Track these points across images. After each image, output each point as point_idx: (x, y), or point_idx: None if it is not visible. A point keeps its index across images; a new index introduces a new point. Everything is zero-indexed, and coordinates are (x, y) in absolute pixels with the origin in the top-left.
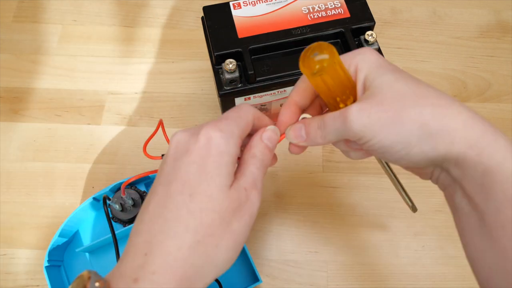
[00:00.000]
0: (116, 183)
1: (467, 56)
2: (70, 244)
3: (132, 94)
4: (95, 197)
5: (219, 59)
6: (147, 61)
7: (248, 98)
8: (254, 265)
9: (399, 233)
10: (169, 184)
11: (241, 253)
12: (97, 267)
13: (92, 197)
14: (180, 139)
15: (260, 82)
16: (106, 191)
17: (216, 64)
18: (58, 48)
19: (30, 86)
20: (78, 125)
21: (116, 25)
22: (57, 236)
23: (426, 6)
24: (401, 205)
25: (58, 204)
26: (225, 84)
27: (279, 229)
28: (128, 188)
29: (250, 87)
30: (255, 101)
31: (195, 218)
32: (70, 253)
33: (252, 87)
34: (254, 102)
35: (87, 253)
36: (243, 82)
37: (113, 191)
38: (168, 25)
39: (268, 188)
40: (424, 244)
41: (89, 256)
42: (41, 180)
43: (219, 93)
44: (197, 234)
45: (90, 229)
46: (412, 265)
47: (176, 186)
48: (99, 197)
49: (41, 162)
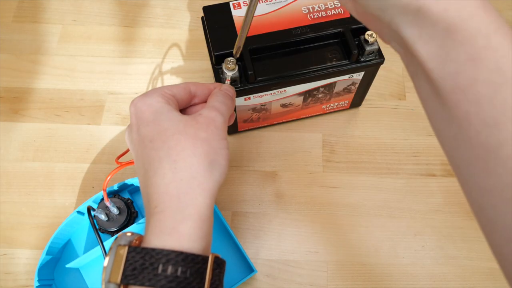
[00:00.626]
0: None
1: None
2: (60, 260)
3: (132, 94)
4: (78, 211)
5: (219, 59)
6: (147, 61)
7: (248, 98)
8: (247, 256)
9: (399, 233)
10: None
11: (233, 247)
12: (90, 280)
13: (76, 210)
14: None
15: (260, 82)
16: (89, 202)
17: (216, 64)
18: (58, 48)
19: (30, 86)
20: (78, 125)
21: (116, 25)
22: (44, 254)
23: None
24: (401, 205)
25: (58, 204)
26: None
27: (279, 229)
28: (112, 197)
29: (250, 87)
30: (255, 101)
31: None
32: (61, 269)
33: (252, 87)
34: (254, 102)
35: (79, 268)
36: (243, 82)
37: (96, 202)
38: (168, 25)
39: (268, 188)
40: (424, 244)
41: (81, 270)
42: (41, 180)
43: None
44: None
45: (79, 242)
46: (412, 265)
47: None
48: (83, 210)
49: (41, 162)
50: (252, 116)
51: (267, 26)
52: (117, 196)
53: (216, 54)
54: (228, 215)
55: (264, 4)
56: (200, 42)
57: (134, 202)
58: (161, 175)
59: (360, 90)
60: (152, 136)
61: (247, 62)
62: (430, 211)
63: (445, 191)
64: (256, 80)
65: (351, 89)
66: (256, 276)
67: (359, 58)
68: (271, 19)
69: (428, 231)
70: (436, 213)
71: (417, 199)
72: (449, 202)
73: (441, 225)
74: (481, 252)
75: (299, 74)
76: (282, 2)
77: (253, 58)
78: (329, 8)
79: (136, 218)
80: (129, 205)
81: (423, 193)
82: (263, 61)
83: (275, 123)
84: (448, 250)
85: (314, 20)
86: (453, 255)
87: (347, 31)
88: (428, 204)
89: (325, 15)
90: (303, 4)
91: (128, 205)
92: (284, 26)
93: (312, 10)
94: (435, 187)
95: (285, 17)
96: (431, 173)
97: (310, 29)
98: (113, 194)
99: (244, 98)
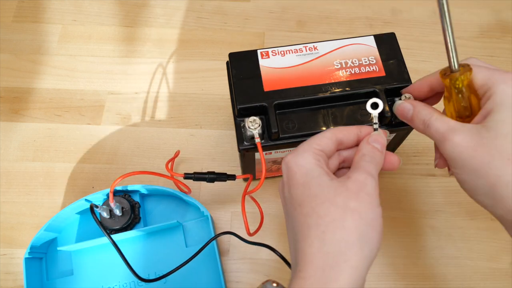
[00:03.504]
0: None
1: (467, 56)
2: (54, 241)
3: (132, 94)
4: (86, 199)
5: (242, 112)
6: (147, 61)
7: (269, 153)
8: None
9: (399, 233)
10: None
11: None
12: (78, 268)
13: (84, 198)
14: (283, 169)
15: (283, 139)
16: (99, 195)
17: (239, 116)
18: (58, 48)
19: (30, 86)
20: (78, 125)
21: (116, 25)
22: (42, 230)
23: (426, 6)
24: (401, 205)
25: (58, 204)
26: (246, 139)
27: (282, 229)
28: (121, 196)
29: (272, 144)
30: (276, 156)
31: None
32: (53, 249)
33: (274, 144)
34: (275, 156)
35: (71, 252)
36: (265, 138)
37: (104, 195)
38: (168, 25)
39: (268, 188)
40: (424, 244)
41: (72, 255)
42: (41, 180)
43: (239, 148)
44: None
45: (75, 230)
46: (412, 265)
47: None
48: (92, 200)
49: (41, 162)
50: (272, 167)
51: (295, 79)
52: (126, 196)
53: (240, 107)
54: (227, 216)
55: (294, 55)
56: (200, 42)
57: (142, 207)
58: (308, 242)
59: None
60: (302, 200)
61: (271, 119)
62: (430, 211)
63: (445, 191)
64: (280, 137)
65: None
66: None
67: (392, 121)
68: (300, 72)
69: (428, 231)
70: (436, 213)
71: (417, 199)
72: (449, 202)
73: (441, 225)
74: (481, 252)
75: None
76: (313, 54)
77: (278, 112)
78: (363, 64)
79: (138, 224)
80: (134, 208)
81: (423, 193)
82: (288, 116)
83: None
84: (448, 250)
85: (346, 77)
86: (453, 255)
87: (381, 91)
88: (428, 204)
89: (358, 72)
90: (336, 57)
91: (134, 207)
92: (313, 81)
93: (345, 66)
94: (435, 187)
95: (316, 71)
96: (431, 173)
97: (341, 86)
98: (124, 193)
99: (265, 152)
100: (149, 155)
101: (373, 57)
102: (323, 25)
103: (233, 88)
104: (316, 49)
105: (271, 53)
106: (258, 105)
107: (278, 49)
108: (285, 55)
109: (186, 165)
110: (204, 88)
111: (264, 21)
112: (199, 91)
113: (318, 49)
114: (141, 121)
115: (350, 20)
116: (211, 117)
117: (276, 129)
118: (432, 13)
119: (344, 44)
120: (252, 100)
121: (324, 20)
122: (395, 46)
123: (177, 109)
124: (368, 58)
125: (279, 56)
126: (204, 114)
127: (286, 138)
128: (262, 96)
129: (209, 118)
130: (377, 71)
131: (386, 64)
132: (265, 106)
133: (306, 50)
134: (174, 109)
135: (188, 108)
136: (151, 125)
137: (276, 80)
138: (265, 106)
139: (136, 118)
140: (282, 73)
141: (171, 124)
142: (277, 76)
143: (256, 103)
